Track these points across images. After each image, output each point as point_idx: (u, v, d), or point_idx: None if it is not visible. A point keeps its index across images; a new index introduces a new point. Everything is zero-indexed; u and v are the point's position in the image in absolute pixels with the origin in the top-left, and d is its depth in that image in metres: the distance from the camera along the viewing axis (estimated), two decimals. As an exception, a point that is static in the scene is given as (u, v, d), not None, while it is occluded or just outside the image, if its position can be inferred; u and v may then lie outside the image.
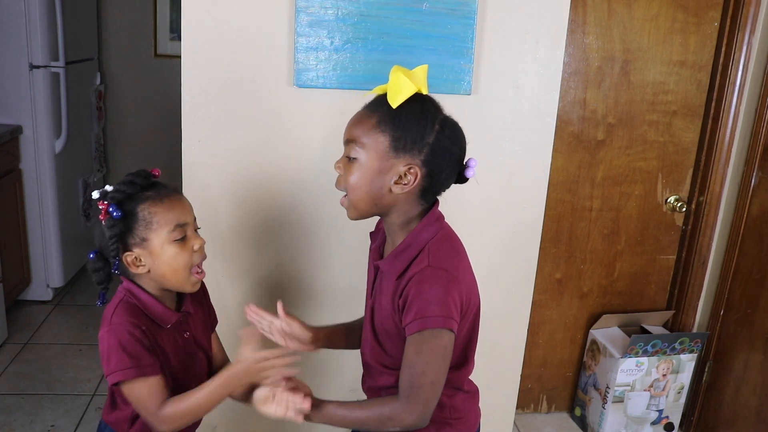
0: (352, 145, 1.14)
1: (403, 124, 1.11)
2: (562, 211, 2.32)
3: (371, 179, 1.12)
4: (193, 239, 1.25)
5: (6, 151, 2.86)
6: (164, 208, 1.22)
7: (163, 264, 1.22)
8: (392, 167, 1.12)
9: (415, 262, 1.14)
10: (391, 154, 1.11)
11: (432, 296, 1.10)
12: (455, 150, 1.16)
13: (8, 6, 2.84)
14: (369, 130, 1.12)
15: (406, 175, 1.12)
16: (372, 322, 1.25)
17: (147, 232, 1.21)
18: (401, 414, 1.13)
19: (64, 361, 2.71)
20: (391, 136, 1.11)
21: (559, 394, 2.55)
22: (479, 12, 1.68)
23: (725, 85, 2.20)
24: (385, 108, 1.11)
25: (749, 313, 2.16)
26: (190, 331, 1.33)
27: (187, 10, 1.61)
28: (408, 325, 1.11)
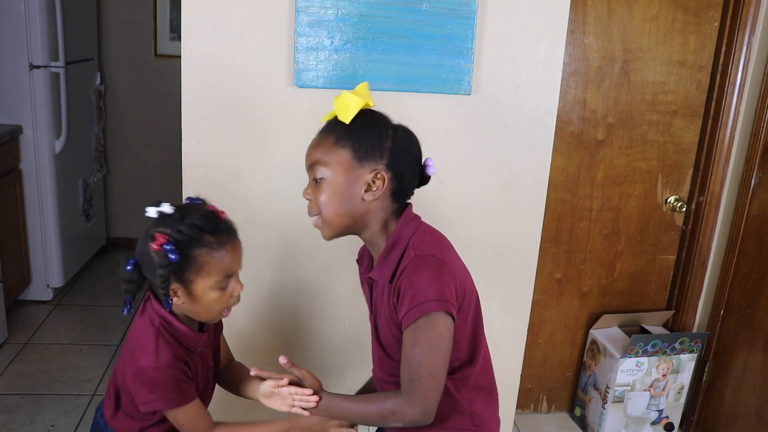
0: (316, 167, 1.18)
1: (360, 134, 1.16)
2: (562, 211, 2.32)
3: (342, 193, 1.16)
4: (234, 286, 1.25)
5: (6, 151, 2.86)
6: (219, 257, 1.20)
7: (199, 305, 1.23)
8: (359, 177, 1.16)
9: (403, 259, 1.16)
10: (355, 164, 1.16)
11: (423, 282, 1.11)
12: (413, 150, 1.21)
13: (8, 6, 2.84)
14: (329, 149, 1.17)
15: (374, 181, 1.17)
16: (377, 336, 1.26)
17: (195, 276, 1.20)
18: (403, 408, 1.13)
19: (64, 361, 2.70)
20: (351, 148, 1.16)
21: (559, 394, 2.55)
22: (479, 12, 1.68)
23: (725, 85, 2.20)
24: (339, 126, 1.17)
25: (749, 313, 2.16)
26: (209, 347, 1.37)
27: (187, 10, 1.61)
28: (404, 318, 1.12)
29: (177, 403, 1.23)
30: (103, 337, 2.91)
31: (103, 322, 3.06)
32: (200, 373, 1.32)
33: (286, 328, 1.88)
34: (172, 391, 1.21)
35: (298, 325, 1.88)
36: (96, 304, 3.23)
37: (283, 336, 1.89)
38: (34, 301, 3.17)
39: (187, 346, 1.26)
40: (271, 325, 1.87)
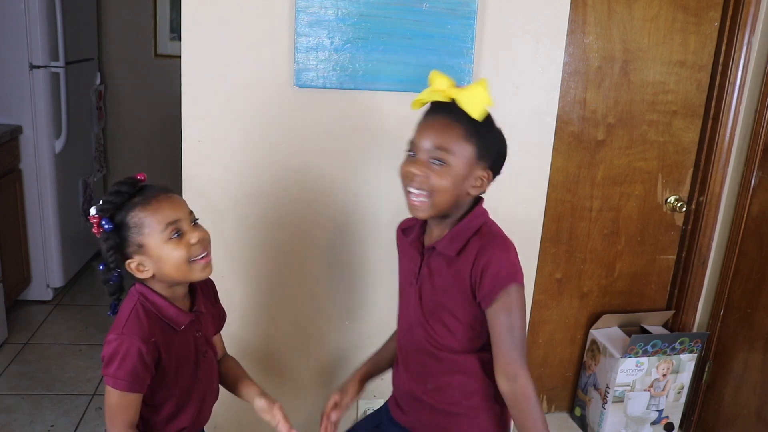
0: (440, 151, 1.22)
1: (486, 135, 1.25)
2: (562, 211, 2.32)
3: (457, 183, 1.24)
4: (189, 233, 1.24)
5: (6, 151, 2.87)
6: (152, 210, 1.21)
7: (164, 264, 1.22)
8: (473, 173, 1.25)
9: (475, 238, 1.26)
10: (474, 162, 1.24)
11: (503, 258, 1.23)
12: (505, 154, 1.32)
13: (8, 6, 2.84)
14: (458, 139, 1.23)
15: (482, 179, 1.27)
16: (420, 304, 1.32)
17: (141, 237, 1.21)
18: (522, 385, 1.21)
19: (64, 361, 2.71)
20: (476, 146, 1.23)
21: (559, 394, 2.55)
22: (479, 12, 1.68)
23: (725, 85, 2.20)
24: (467, 118, 1.22)
25: (749, 313, 2.16)
26: (202, 330, 1.34)
27: (187, 10, 1.61)
28: (488, 293, 1.22)
29: (116, 384, 1.20)
30: (103, 337, 2.90)
31: (103, 322, 3.06)
32: (185, 359, 1.28)
33: (285, 329, 1.88)
34: (123, 370, 1.19)
35: (297, 325, 1.88)
36: (96, 304, 3.23)
37: (282, 337, 1.89)
38: (34, 301, 3.17)
39: (167, 320, 1.25)
40: (270, 326, 1.87)
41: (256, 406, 1.37)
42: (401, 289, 1.40)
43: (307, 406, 1.95)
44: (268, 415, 1.35)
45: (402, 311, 1.40)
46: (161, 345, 1.24)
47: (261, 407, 1.36)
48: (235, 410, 1.92)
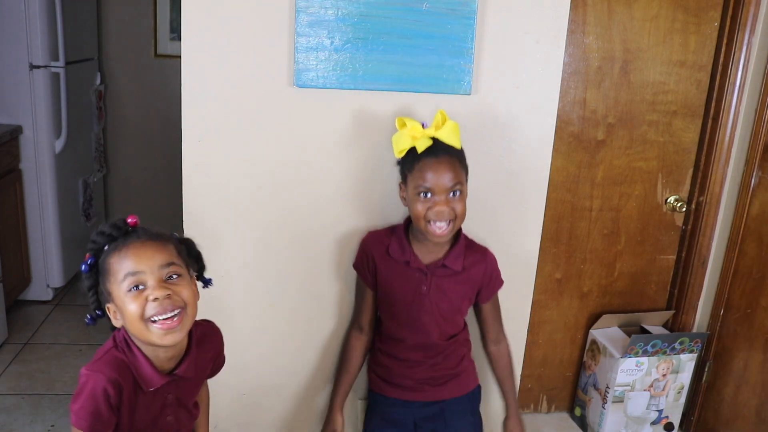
0: (458, 184, 1.52)
1: (463, 156, 1.57)
2: (562, 211, 2.32)
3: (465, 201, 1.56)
4: (151, 290, 1.12)
5: (6, 151, 2.87)
6: (120, 257, 1.14)
7: (125, 318, 1.14)
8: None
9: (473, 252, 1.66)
10: (466, 180, 1.57)
11: (497, 267, 1.72)
12: None
13: (8, 6, 2.84)
14: (459, 169, 1.53)
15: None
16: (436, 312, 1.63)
17: (110, 284, 1.15)
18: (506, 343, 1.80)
19: (64, 361, 2.71)
20: (466, 167, 1.57)
21: (559, 394, 2.55)
22: (479, 12, 1.68)
23: (725, 85, 2.20)
24: (454, 150, 1.53)
25: (749, 313, 2.16)
26: (175, 393, 1.26)
27: (187, 10, 1.61)
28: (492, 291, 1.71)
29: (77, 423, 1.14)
30: (103, 337, 2.88)
31: (103, 322, 3.05)
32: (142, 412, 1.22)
33: (285, 329, 1.88)
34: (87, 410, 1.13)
35: (298, 326, 1.88)
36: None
37: (282, 339, 1.89)
38: (34, 301, 3.17)
39: (136, 376, 1.18)
40: (270, 328, 1.87)
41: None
42: (400, 301, 1.64)
43: (308, 405, 1.95)
44: None
45: (409, 323, 1.66)
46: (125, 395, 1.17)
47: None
48: (235, 410, 1.92)
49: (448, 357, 1.71)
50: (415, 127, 1.50)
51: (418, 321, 1.65)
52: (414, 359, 1.70)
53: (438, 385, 1.71)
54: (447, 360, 1.71)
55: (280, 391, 1.93)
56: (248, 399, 1.92)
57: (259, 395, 1.92)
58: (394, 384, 1.72)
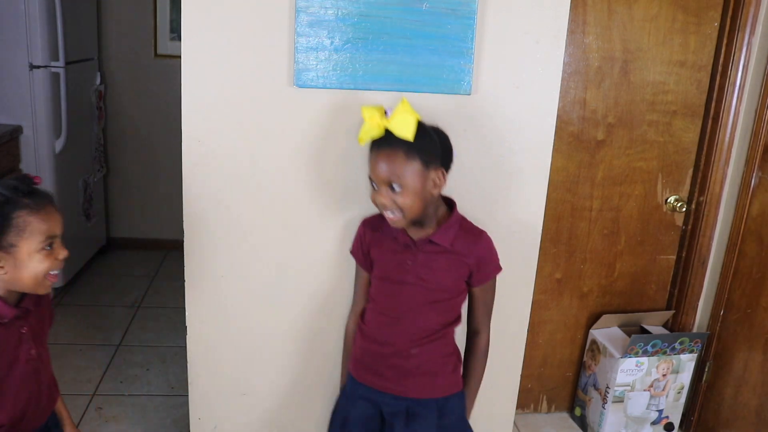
0: (395, 179, 1.43)
1: (422, 146, 1.44)
2: (562, 211, 2.32)
3: (420, 195, 1.46)
4: (59, 250, 1.30)
5: (6, 151, 2.86)
6: (40, 218, 1.25)
7: (25, 269, 1.25)
8: (428, 178, 1.46)
9: (463, 230, 1.58)
10: (424, 171, 1.45)
11: (492, 251, 1.61)
12: (449, 143, 1.54)
13: (8, 6, 2.84)
14: (403, 162, 1.43)
15: (438, 178, 1.48)
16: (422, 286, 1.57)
17: (17, 239, 1.23)
18: (484, 339, 1.67)
19: (64, 361, 2.71)
20: (419, 159, 1.44)
21: (559, 394, 2.55)
22: (479, 12, 1.68)
23: (725, 85, 2.20)
24: (401, 141, 1.42)
25: (749, 313, 2.16)
26: (28, 327, 1.35)
27: (187, 10, 1.61)
28: (484, 277, 1.60)
29: None
30: (103, 337, 2.91)
31: (103, 322, 3.06)
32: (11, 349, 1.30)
33: (286, 327, 1.88)
34: None
35: (298, 324, 1.88)
36: (96, 304, 3.23)
37: (282, 338, 1.89)
38: (34, 301, 3.17)
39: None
40: (270, 327, 1.87)
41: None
42: (386, 278, 1.62)
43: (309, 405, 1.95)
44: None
45: (391, 297, 1.61)
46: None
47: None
48: (234, 410, 1.92)
49: (428, 349, 1.59)
50: (372, 116, 1.45)
51: (401, 295, 1.58)
52: (390, 341, 1.61)
53: (406, 377, 1.60)
54: (426, 352, 1.59)
55: (280, 391, 1.93)
56: (248, 399, 1.92)
57: (259, 395, 1.92)
58: (364, 365, 1.65)
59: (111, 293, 3.37)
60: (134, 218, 3.98)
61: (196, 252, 1.78)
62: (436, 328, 1.59)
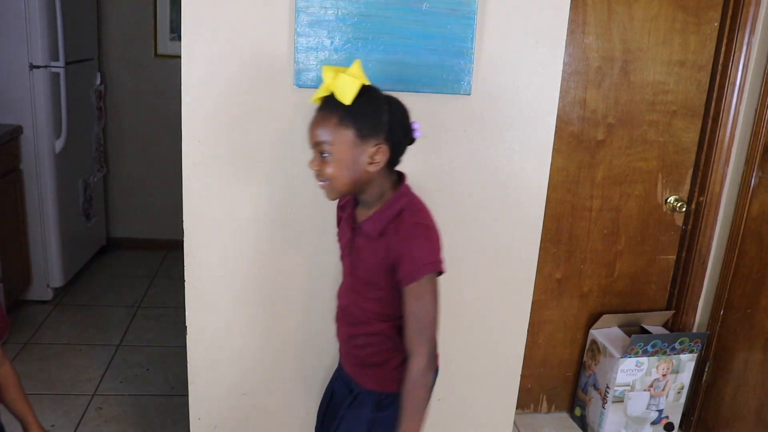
0: (321, 146, 1.31)
1: (361, 114, 1.30)
2: (562, 211, 2.32)
3: (348, 167, 1.31)
4: None
5: (6, 151, 2.87)
6: None
7: None
8: (363, 151, 1.31)
9: (397, 221, 1.35)
10: (358, 142, 1.30)
11: (421, 247, 1.32)
12: (405, 120, 1.37)
13: (8, 6, 2.84)
14: (334, 129, 1.30)
15: (376, 154, 1.31)
16: (354, 271, 1.44)
17: None
18: (419, 362, 1.32)
19: (64, 361, 2.71)
20: (354, 128, 1.29)
21: (559, 394, 2.55)
22: (479, 12, 1.68)
23: (725, 85, 2.20)
24: (340, 106, 1.29)
25: (749, 313, 2.16)
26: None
27: (187, 10, 1.61)
28: (404, 278, 1.31)
29: None
30: (103, 337, 2.91)
31: (103, 322, 3.06)
32: None
33: (286, 328, 1.88)
34: None
35: (298, 324, 1.88)
36: (96, 304, 3.23)
37: (283, 338, 1.89)
38: (34, 301, 3.17)
39: None
40: (271, 328, 1.87)
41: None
42: (341, 257, 1.52)
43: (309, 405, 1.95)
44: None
45: (343, 276, 1.52)
46: None
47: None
48: (234, 410, 1.92)
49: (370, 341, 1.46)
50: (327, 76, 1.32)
51: (346, 277, 1.50)
52: (339, 323, 1.54)
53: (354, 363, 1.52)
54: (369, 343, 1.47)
55: (280, 391, 1.93)
56: (248, 399, 1.92)
57: (260, 395, 1.92)
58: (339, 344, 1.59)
59: (111, 293, 3.37)
60: (134, 218, 3.98)
61: (196, 252, 1.78)
62: (375, 319, 1.42)
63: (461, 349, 1.93)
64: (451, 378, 1.96)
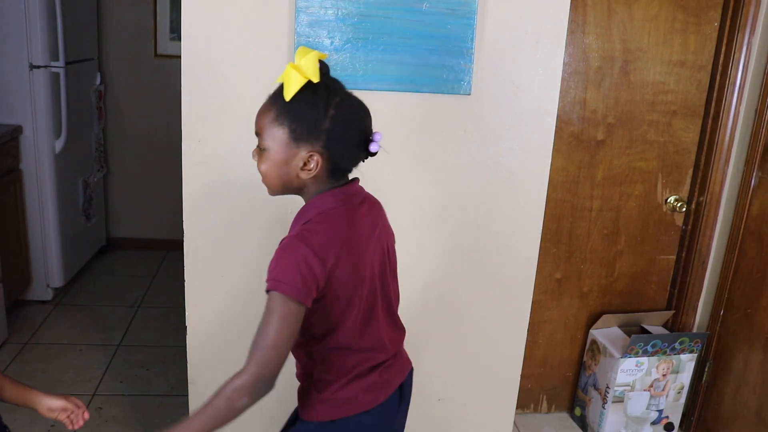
0: (259, 137, 1.22)
1: (298, 115, 1.17)
2: (562, 211, 2.32)
3: (279, 167, 1.20)
4: None
5: (6, 151, 2.87)
6: None
7: None
8: (295, 156, 1.19)
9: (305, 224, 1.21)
10: (291, 144, 1.18)
11: (285, 263, 1.15)
12: (352, 131, 1.21)
13: (8, 6, 2.84)
14: (269, 123, 1.19)
15: (309, 161, 1.19)
16: None
17: None
18: (240, 378, 1.12)
19: (64, 361, 2.71)
20: (288, 128, 1.18)
21: (559, 394, 2.55)
22: (479, 12, 1.68)
23: (725, 85, 2.20)
24: (281, 100, 1.18)
25: (749, 313, 2.16)
26: None
27: (187, 10, 1.61)
28: (267, 281, 1.15)
29: None
30: (103, 337, 2.91)
31: (103, 322, 3.06)
32: None
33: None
34: None
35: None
36: (96, 304, 3.23)
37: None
38: (34, 301, 3.17)
39: None
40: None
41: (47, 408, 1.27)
42: None
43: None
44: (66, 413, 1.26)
45: None
46: None
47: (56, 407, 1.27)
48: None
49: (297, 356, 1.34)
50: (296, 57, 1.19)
51: None
52: None
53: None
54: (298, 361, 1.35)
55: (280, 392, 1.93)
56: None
57: (259, 395, 1.92)
58: None
59: (111, 293, 3.37)
60: (134, 218, 3.98)
61: (196, 252, 1.78)
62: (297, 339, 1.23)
63: (461, 349, 1.93)
64: (451, 378, 1.96)
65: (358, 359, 1.30)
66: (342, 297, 1.22)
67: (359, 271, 1.24)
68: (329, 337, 1.25)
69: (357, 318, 1.26)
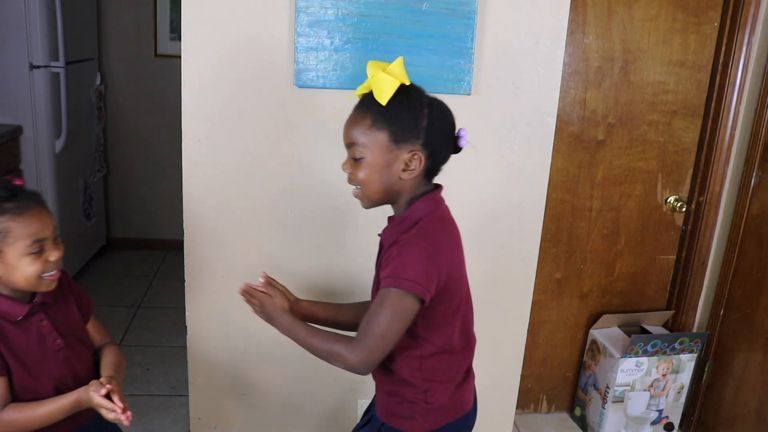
0: (354, 147, 1.22)
1: (396, 117, 1.20)
2: (562, 211, 2.32)
3: (381, 173, 1.22)
4: (50, 251, 1.26)
5: (6, 151, 2.86)
6: (23, 223, 1.22)
7: (15, 273, 1.24)
8: (397, 158, 1.21)
9: (408, 231, 1.22)
10: (392, 147, 1.21)
11: (410, 261, 1.18)
12: (447, 127, 1.27)
13: (8, 6, 2.84)
14: (366, 130, 1.21)
15: (411, 161, 1.22)
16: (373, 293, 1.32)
17: (2, 245, 1.22)
18: (347, 353, 1.20)
19: (64, 361, 2.70)
20: (388, 131, 1.20)
21: (559, 394, 2.55)
22: (479, 12, 1.68)
23: (725, 85, 2.20)
24: (376, 106, 1.20)
25: (749, 313, 2.16)
26: (48, 320, 1.33)
27: (187, 10, 1.61)
28: (383, 280, 1.19)
29: None
30: (103, 337, 2.91)
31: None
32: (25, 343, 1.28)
33: (286, 328, 1.88)
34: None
35: (298, 325, 1.88)
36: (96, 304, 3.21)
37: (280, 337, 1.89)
38: (34, 301, 3.17)
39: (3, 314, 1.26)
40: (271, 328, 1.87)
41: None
42: None
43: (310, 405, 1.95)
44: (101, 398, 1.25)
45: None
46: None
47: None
48: (235, 410, 1.92)
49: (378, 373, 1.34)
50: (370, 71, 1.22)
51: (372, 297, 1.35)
52: None
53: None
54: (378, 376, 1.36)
55: (280, 391, 1.93)
56: (248, 399, 1.92)
57: (259, 395, 1.92)
58: None
59: (111, 293, 3.37)
60: (134, 218, 3.98)
61: (196, 252, 1.78)
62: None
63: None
64: (451, 378, 1.96)
65: (460, 361, 1.34)
66: (454, 296, 1.26)
67: (461, 269, 1.30)
68: (440, 338, 1.28)
69: (460, 318, 1.30)
